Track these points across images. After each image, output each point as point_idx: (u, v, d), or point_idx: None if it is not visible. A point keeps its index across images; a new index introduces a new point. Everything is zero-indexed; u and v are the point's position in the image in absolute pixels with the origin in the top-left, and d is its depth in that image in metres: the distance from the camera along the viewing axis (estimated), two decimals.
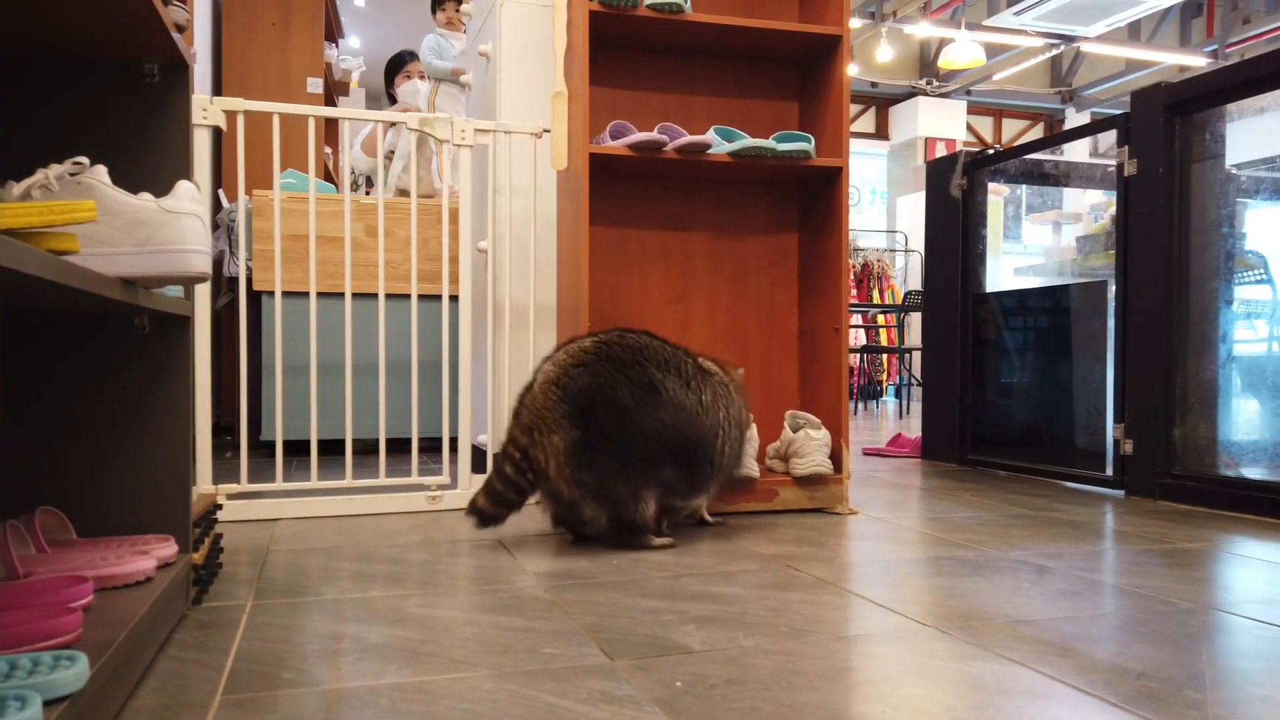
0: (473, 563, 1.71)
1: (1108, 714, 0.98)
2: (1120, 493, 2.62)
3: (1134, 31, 9.22)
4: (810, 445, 2.21)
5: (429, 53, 4.01)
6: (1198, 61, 9.15)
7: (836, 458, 2.29)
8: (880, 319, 8.81)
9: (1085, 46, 8.51)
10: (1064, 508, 2.37)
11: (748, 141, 2.19)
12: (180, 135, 1.33)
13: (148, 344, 1.31)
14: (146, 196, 0.98)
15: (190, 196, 0.97)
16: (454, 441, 2.38)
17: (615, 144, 2.16)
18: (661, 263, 2.45)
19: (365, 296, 2.98)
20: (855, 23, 8.34)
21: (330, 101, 4.94)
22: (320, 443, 2.34)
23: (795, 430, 2.28)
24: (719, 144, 2.22)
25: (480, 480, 2.33)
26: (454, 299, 2.66)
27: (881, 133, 10.44)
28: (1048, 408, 2.96)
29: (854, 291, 9.16)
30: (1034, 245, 10.10)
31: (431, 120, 2.29)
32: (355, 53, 6.26)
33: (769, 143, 2.20)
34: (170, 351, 1.32)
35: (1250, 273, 3.73)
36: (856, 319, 8.74)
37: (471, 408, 2.37)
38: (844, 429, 2.29)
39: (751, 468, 2.15)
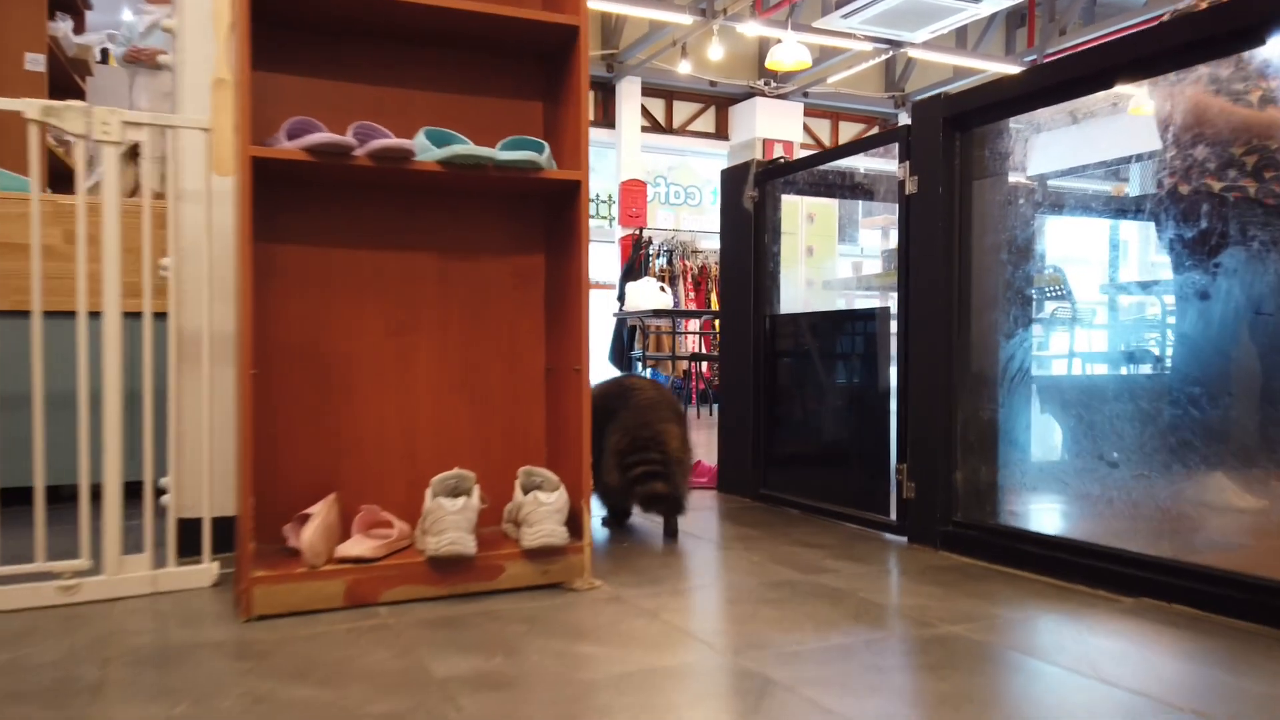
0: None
1: None
2: (904, 539, 2.40)
3: (961, 39, 9.41)
4: (540, 512, 1.86)
5: (118, 42, 3.54)
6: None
7: (577, 520, 1.95)
8: (717, 324, 8.66)
9: (913, 52, 8.59)
10: (837, 566, 2.12)
11: (460, 148, 1.81)
12: None
13: None
14: None
15: None
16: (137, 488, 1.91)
17: (291, 145, 1.74)
18: (377, 289, 2.05)
19: (60, 315, 2.43)
20: (685, 18, 8.12)
21: (68, 81, 4.26)
22: None
23: (526, 492, 1.93)
24: (427, 150, 1.83)
25: (135, 561, 1.84)
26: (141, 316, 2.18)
27: (721, 133, 10.31)
28: (837, 442, 2.73)
29: (692, 295, 8.99)
30: (870, 248, 10.24)
31: (59, 110, 1.80)
32: (115, 26, 5.50)
33: (486, 151, 1.83)
34: None
35: (1049, 289, 3.65)
36: (695, 324, 8.57)
37: (122, 452, 1.90)
38: (585, 488, 1.95)
39: (462, 543, 1.78)
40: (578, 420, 1.98)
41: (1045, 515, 2.21)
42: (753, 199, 3.06)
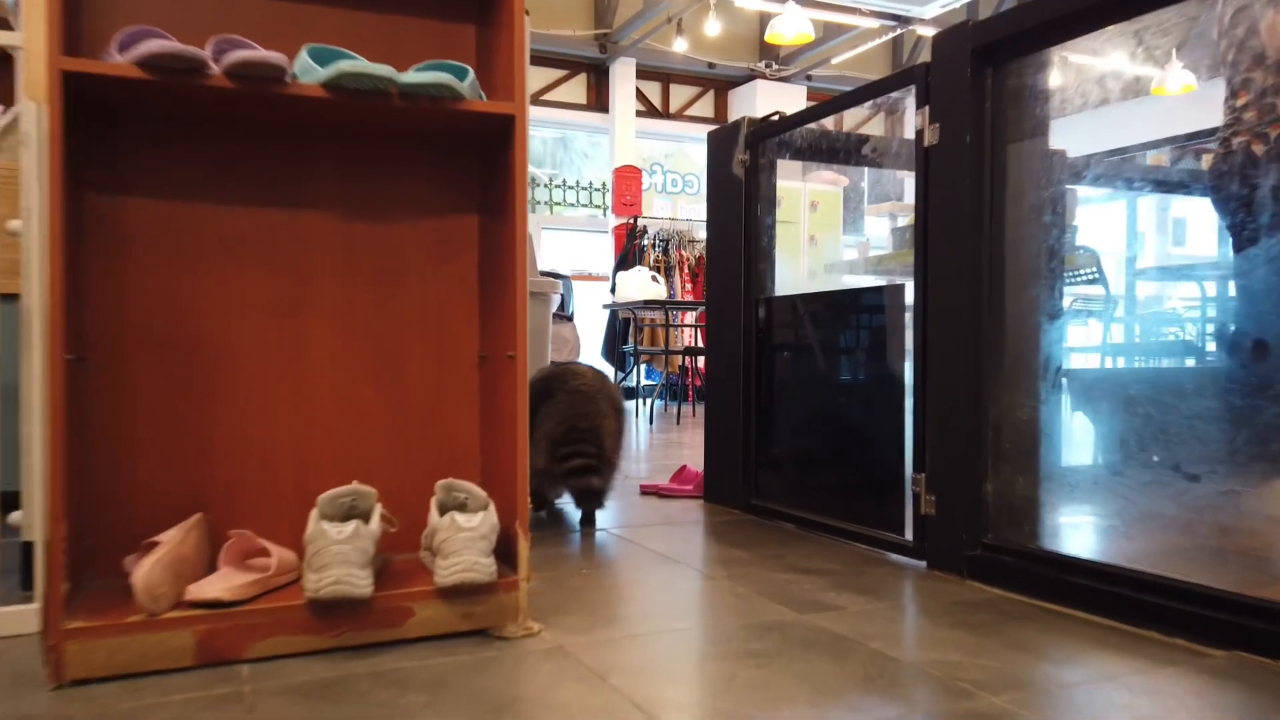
0: None
1: None
2: (923, 564, 1.99)
3: (973, 16, 8.97)
4: (459, 539, 1.44)
5: None
6: None
7: (511, 547, 1.54)
8: (707, 323, 8.24)
9: (922, 30, 8.16)
10: (841, 601, 1.70)
11: (349, 66, 1.39)
12: None
13: None
14: None
15: None
16: None
17: (123, 58, 1.33)
18: (261, 257, 1.63)
19: None
20: None
21: None
22: None
23: (443, 512, 1.51)
24: (310, 71, 1.42)
25: None
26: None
27: (720, 117, 9.88)
28: (842, 446, 2.31)
29: (689, 286, 8.57)
30: (878, 238, 9.77)
31: None
32: None
33: (384, 70, 1.41)
34: None
35: (1080, 273, 3.23)
36: (691, 317, 8.16)
37: None
38: (520, 506, 1.54)
39: (349, 581, 1.37)
40: (510, 420, 1.56)
41: (1101, 539, 1.79)
42: (743, 163, 2.64)
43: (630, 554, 2.11)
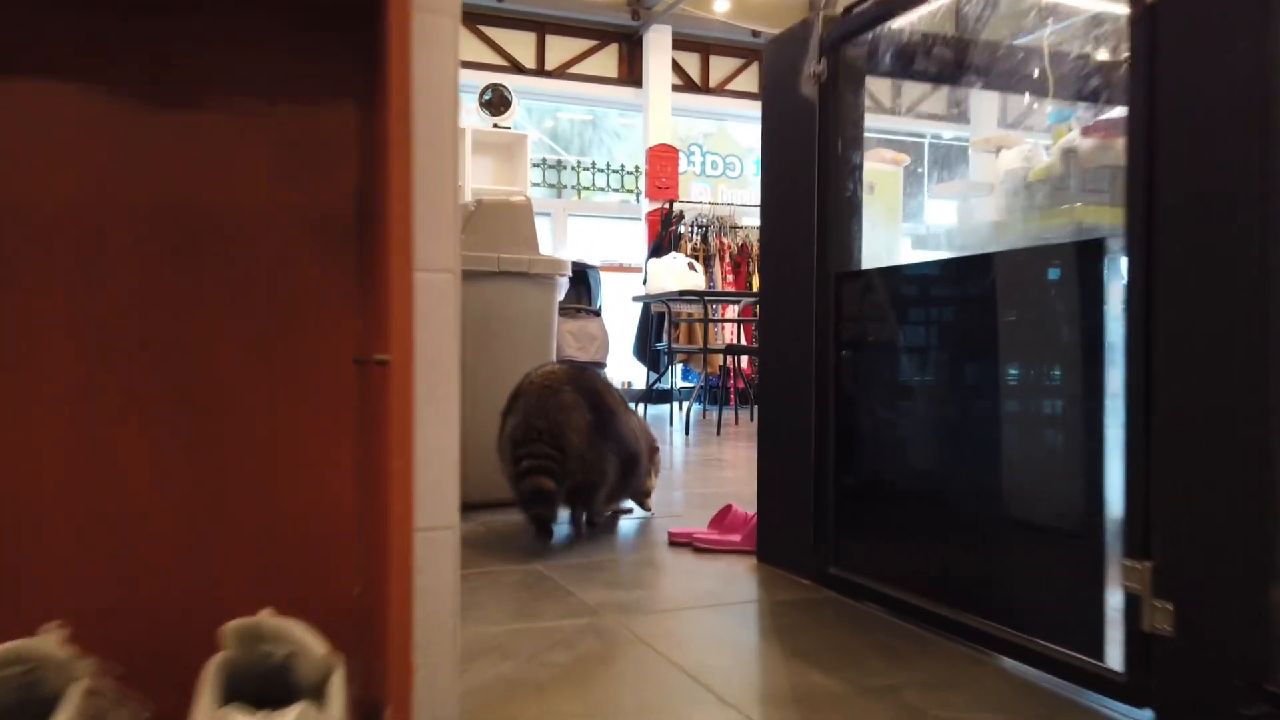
0: None
1: None
2: (1146, 716, 1.16)
3: None
4: None
5: None
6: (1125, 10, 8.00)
7: None
8: (759, 310, 7.41)
9: None
10: None
11: None
12: None
13: None
14: None
15: None
16: None
17: None
18: None
19: None
20: None
21: None
22: None
23: (227, 698, 0.71)
24: None
25: None
26: None
27: None
28: (984, 500, 1.48)
29: (730, 278, 7.73)
30: (940, 226, 8.85)
31: None
32: None
33: None
34: None
35: None
36: (733, 311, 7.33)
37: None
38: (402, 669, 0.74)
39: None
40: (389, 477, 0.76)
41: None
42: (817, 78, 1.81)
43: (640, 674, 1.31)
